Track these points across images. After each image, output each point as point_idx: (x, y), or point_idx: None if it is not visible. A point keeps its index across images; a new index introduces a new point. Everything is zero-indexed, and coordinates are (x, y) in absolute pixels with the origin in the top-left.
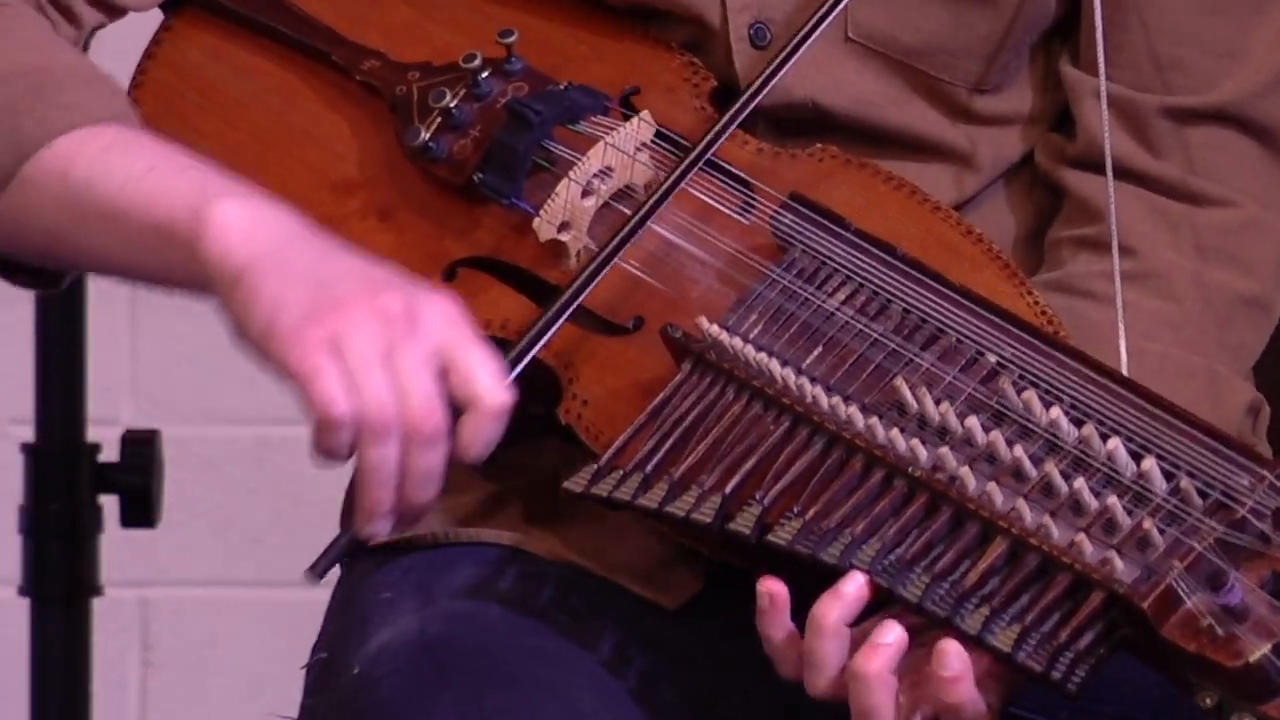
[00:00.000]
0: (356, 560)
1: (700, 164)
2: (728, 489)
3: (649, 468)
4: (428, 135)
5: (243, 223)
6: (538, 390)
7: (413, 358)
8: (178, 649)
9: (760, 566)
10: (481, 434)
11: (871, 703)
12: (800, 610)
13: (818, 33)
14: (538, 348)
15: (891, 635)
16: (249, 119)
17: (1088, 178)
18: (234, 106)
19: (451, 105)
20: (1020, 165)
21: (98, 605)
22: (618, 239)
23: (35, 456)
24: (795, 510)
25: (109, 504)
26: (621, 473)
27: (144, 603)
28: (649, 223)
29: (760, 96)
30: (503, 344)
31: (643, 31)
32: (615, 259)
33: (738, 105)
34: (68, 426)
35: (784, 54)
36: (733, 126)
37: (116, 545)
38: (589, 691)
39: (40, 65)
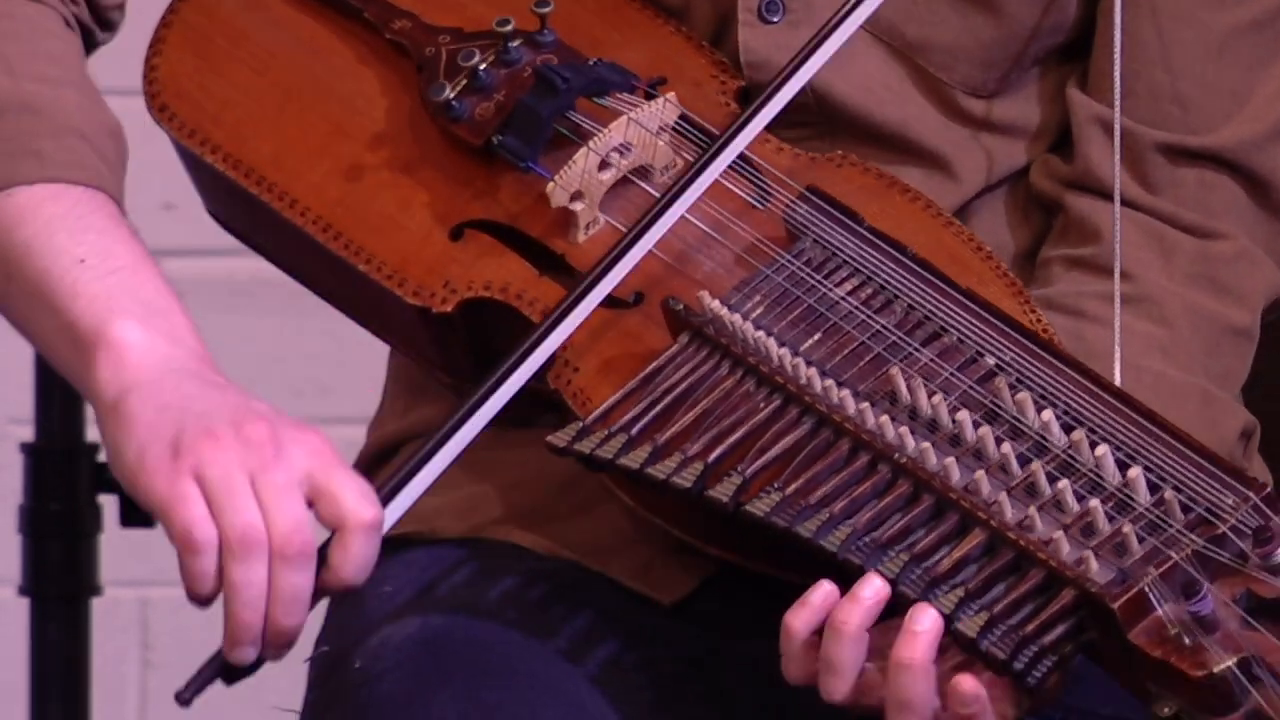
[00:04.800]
0: None
1: (725, 158)
2: (711, 458)
3: (634, 430)
4: (452, 94)
5: (136, 349)
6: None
7: (277, 480)
8: (177, 649)
9: (738, 554)
10: (352, 554)
11: (915, 692)
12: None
13: (865, 16)
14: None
15: (928, 621)
16: (275, 69)
17: (1084, 199)
18: (262, 55)
19: (480, 67)
20: (1019, 182)
21: (97, 605)
22: (620, 246)
23: (35, 456)
24: (776, 485)
25: (109, 503)
26: (606, 433)
27: (144, 602)
28: (658, 227)
29: (791, 88)
30: (500, 307)
31: (675, 26)
32: (596, 291)
33: (768, 92)
34: (67, 426)
35: (821, 36)
36: (763, 114)
37: (116, 545)
38: (589, 688)
39: (34, 100)
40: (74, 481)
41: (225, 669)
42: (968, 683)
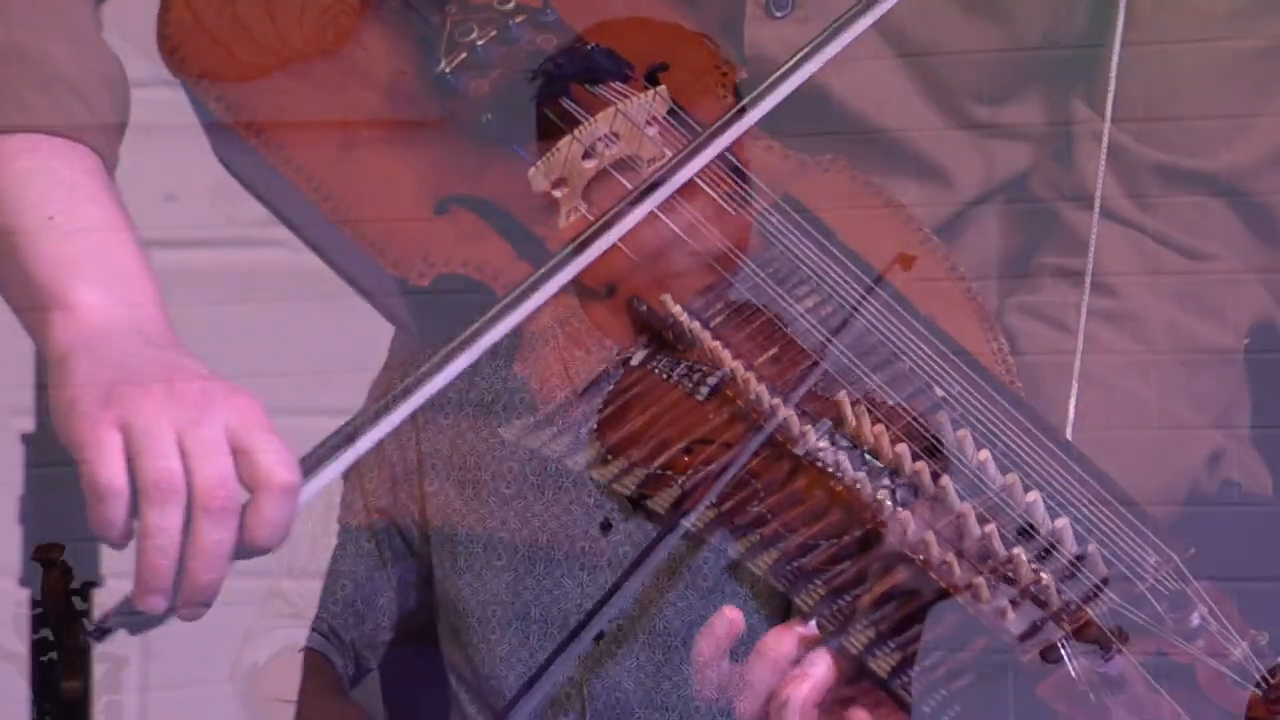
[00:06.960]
0: None
1: (705, 156)
2: (653, 466)
3: (583, 430)
4: (447, 68)
5: (90, 311)
6: None
7: (203, 434)
8: (178, 640)
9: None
10: (265, 516)
11: None
12: None
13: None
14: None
15: (821, 666)
16: (279, 35)
17: (1078, 211)
18: (266, 20)
19: (478, 43)
20: (1018, 188)
21: (97, 598)
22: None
23: (35, 447)
24: (712, 500)
25: None
26: (555, 429)
27: None
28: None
29: (781, 91)
30: (474, 284)
31: (682, 11)
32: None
33: (757, 92)
34: None
35: (820, 41)
36: (748, 117)
37: None
38: None
39: (28, 50)
40: (74, 472)
41: (132, 617)
42: (860, 715)
